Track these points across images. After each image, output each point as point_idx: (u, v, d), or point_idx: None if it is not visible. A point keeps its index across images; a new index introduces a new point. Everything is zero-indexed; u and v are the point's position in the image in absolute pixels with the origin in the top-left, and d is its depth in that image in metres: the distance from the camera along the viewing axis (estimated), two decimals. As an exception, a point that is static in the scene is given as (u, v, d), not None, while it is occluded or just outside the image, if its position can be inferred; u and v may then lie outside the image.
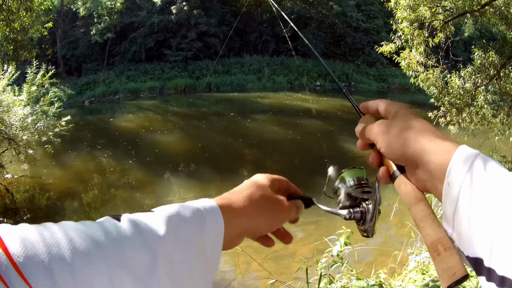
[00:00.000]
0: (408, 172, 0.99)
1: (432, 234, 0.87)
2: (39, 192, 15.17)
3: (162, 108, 33.29)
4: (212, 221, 0.96)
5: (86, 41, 41.88)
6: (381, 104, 1.14)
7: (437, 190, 0.89)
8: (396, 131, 0.99)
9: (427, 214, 0.92)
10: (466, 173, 0.81)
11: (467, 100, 12.07)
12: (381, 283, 5.69)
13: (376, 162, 1.10)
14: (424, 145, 0.91)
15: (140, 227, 0.82)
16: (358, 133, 1.16)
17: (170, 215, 0.90)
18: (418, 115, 1.02)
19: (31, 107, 13.96)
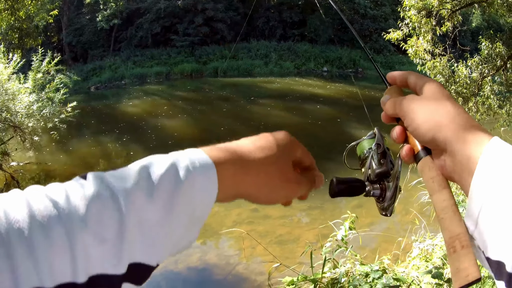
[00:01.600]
0: (434, 156, 0.94)
1: (451, 228, 0.83)
2: (44, 179, 15.21)
3: (168, 93, 33.35)
4: (202, 176, 0.83)
5: (92, 27, 41.88)
6: (411, 76, 1.08)
7: (464, 182, 0.84)
8: (428, 112, 0.93)
9: (450, 205, 0.87)
10: (498, 169, 0.78)
11: (474, 90, 12.05)
12: (385, 269, 5.71)
13: (400, 138, 1.04)
14: (457, 133, 0.86)
15: (105, 182, 0.74)
16: (384, 105, 1.09)
17: (143, 166, 0.80)
18: (450, 96, 0.97)
19: (36, 94, 14.00)
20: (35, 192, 0.70)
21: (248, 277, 8.97)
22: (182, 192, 0.79)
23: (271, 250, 8.17)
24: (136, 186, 0.75)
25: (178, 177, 0.79)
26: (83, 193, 0.70)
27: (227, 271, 9.19)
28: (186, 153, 0.87)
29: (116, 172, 0.79)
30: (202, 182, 0.82)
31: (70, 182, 0.74)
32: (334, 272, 5.89)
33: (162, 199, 0.76)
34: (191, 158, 0.84)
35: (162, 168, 0.79)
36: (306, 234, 10.33)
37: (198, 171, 0.82)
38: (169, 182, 0.78)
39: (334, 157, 16.99)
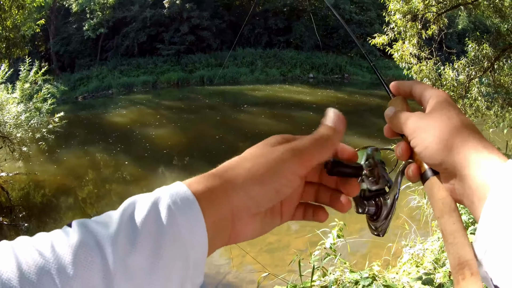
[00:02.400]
0: (443, 178, 0.89)
1: (460, 254, 0.79)
2: (34, 189, 15.18)
3: (155, 102, 33.26)
4: (183, 212, 0.76)
5: (79, 36, 41.68)
6: (417, 87, 1.03)
7: (474, 208, 0.80)
8: (437, 132, 0.87)
9: (459, 229, 0.83)
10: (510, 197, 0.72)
11: (461, 92, 12.09)
12: (375, 276, 5.70)
13: (405, 156, 0.98)
14: (468, 157, 0.81)
15: (89, 230, 0.71)
16: (388, 119, 1.03)
17: (124, 210, 0.76)
18: (459, 110, 0.91)
19: (24, 105, 13.95)
20: (22, 244, 0.68)
21: (239, 286, 8.97)
22: (167, 234, 0.74)
23: (261, 258, 8.18)
24: (119, 232, 0.71)
25: (160, 219, 0.74)
26: (68, 242, 0.68)
27: (217, 280, 9.17)
28: (167, 189, 0.80)
29: (100, 218, 0.76)
30: (185, 220, 0.76)
31: (56, 231, 0.72)
32: (324, 280, 5.88)
33: (146, 244, 0.72)
34: (172, 194, 0.78)
35: (143, 211, 0.75)
36: (295, 242, 10.32)
37: (180, 209, 0.76)
38: (151, 225, 0.74)
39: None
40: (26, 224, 12.42)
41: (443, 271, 5.58)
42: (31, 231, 12.25)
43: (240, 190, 0.82)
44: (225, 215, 0.82)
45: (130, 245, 0.70)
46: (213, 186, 0.82)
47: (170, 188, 0.80)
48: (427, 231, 8.63)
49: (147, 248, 0.71)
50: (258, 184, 0.83)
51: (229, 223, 0.83)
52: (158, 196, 0.78)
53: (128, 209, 0.76)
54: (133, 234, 0.72)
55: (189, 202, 0.77)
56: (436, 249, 6.77)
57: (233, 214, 0.83)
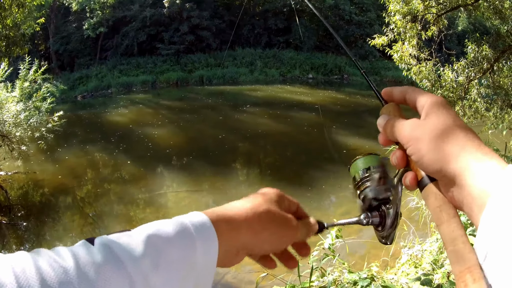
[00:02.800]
0: (441, 185, 0.87)
1: (462, 261, 0.77)
2: (33, 189, 15.17)
3: (155, 102, 33.27)
4: (203, 239, 0.84)
5: (79, 36, 41.69)
6: (411, 93, 0.99)
7: (474, 215, 0.78)
8: (433, 140, 0.85)
9: (459, 236, 0.82)
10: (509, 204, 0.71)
11: (460, 94, 12.08)
12: (373, 276, 5.69)
13: (402, 164, 0.97)
14: (467, 164, 0.80)
15: (114, 251, 0.74)
16: (382, 128, 1.02)
17: (149, 235, 0.80)
18: (455, 114, 0.89)
19: (23, 103, 13.92)
20: (44, 257, 0.69)
21: (237, 286, 8.95)
22: (187, 260, 0.81)
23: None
24: (143, 255, 0.76)
25: (183, 246, 0.81)
26: (93, 260, 0.71)
27: (216, 280, 9.15)
28: (190, 217, 0.89)
29: (121, 239, 0.79)
30: (204, 247, 0.84)
31: (78, 247, 0.75)
32: (322, 281, 5.88)
33: (168, 269, 0.77)
34: (195, 224, 0.86)
35: (168, 236, 0.81)
36: (293, 243, 10.34)
37: (200, 236, 0.84)
38: (175, 251, 0.80)
39: (321, 164, 16.99)
40: (24, 223, 12.41)
41: (441, 272, 5.57)
42: (29, 230, 12.27)
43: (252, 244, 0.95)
44: (233, 251, 0.93)
45: (153, 268, 0.76)
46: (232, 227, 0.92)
47: (193, 217, 0.89)
48: (426, 232, 8.62)
49: (168, 272, 0.77)
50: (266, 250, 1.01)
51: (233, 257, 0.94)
52: (183, 223, 0.86)
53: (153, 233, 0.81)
54: (156, 258, 0.77)
55: (210, 234, 0.86)
56: (434, 250, 6.76)
57: (237, 251, 0.94)
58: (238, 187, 15.18)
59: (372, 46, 13.30)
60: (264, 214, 0.97)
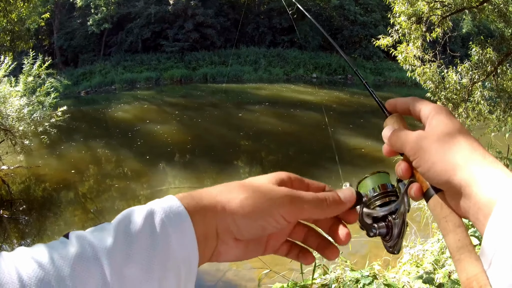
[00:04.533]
0: (447, 195, 0.87)
1: (468, 270, 0.78)
2: (35, 183, 15.18)
3: (158, 99, 33.24)
4: (174, 222, 0.80)
5: (83, 31, 41.68)
6: (415, 104, 0.99)
7: (479, 224, 0.78)
8: (440, 152, 0.85)
9: (465, 245, 0.82)
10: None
11: (464, 96, 12.08)
12: (375, 275, 5.70)
13: (407, 175, 0.96)
14: (473, 174, 0.79)
15: (85, 242, 0.74)
16: (387, 140, 1.01)
17: (119, 224, 0.78)
18: (460, 125, 0.89)
19: (27, 98, 13.90)
20: (22, 256, 0.70)
21: (239, 283, 8.93)
22: (160, 247, 0.77)
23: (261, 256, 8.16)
24: (115, 245, 0.74)
25: (154, 233, 0.78)
26: (67, 254, 0.71)
27: (217, 277, 9.15)
28: (161, 203, 0.84)
29: (96, 230, 0.79)
30: (177, 234, 0.80)
31: (55, 243, 0.75)
32: (324, 278, 5.88)
33: (141, 257, 0.75)
34: (165, 209, 0.82)
35: (138, 224, 0.78)
36: (296, 240, 10.33)
37: (172, 223, 0.80)
38: (145, 239, 0.77)
39: (323, 163, 16.96)
40: (26, 218, 12.43)
41: (442, 272, 5.57)
42: (31, 225, 12.28)
43: (228, 216, 0.85)
44: (212, 233, 0.85)
45: (126, 257, 0.74)
46: (205, 204, 0.85)
47: (163, 202, 0.83)
48: (427, 232, 8.62)
49: (141, 261, 0.75)
50: (246, 217, 0.85)
51: (214, 241, 0.87)
52: (152, 209, 0.81)
53: (123, 222, 0.79)
54: (128, 246, 0.75)
55: (181, 217, 0.81)
56: (436, 250, 6.76)
57: (217, 234, 0.86)
58: (240, 185, 15.20)
59: (376, 46, 13.29)
60: (245, 191, 0.89)
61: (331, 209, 0.94)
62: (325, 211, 0.93)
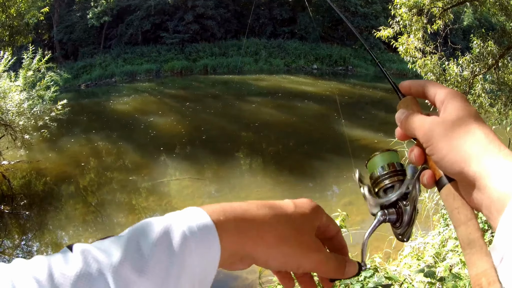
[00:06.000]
0: (460, 186, 0.85)
1: (478, 264, 0.76)
2: (35, 178, 15.19)
3: (159, 91, 33.27)
4: (199, 241, 0.75)
5: (83, 25, 41.64)
6: (430, 87, 0.95)
7: (492, 218, 0.76)
8: (455, 141, 0.83)
9: (476, 239, 0.80)
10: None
11: (465, 88, 12.07)
12: (376, 268, 5.70)
13: (419, 161, 0.94)
14: (488, 167, 0.77)
15: (90, 257, 0.68)
16: (400, 123, 0.98)
17: (131, 238, 0.73)
18: (476, 113, 0.86)
19: (27, 92, 13.91)
20: (20, 272, 0.65)
21: (239, 275, 8.94)
22: (178, 263, 0.72)
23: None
24: (124, 261, 0.69)
25: (172, 248, 0.72)
26: (69, 271, 0.66)
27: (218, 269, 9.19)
28: (183, 215, 0.79)
29: (103, 244, 0.73)
30: (201, 249, 0.75)
31: (57, 257, 0.69)
32: (325, 270, 5.89)
33: (155, 274, 0.70)
34: (188, 221, 0.77)
35: (153, 238, 0.73)
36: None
37: (196, 237, 0.75)
38: (162, 254, 0.71)
39: (324, 154, 16.98)
40: (27, 213, 12.44)
41: (443, 265, 5.57)
42: (32, 220, 12.30)
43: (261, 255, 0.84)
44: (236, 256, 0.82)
45: (136, 274, 0.68)
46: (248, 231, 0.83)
47: (190, 216, 0.79)
48: (428, 225, 8.64)
49: (156, 277, 0.70)
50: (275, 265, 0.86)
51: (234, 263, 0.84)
52: (170, 223, 0.76)
53: (135, 236, 0.74)
54: (139, 263, 0.70)
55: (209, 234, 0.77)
56: (437, 243, 6.78)
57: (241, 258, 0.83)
58: (241, 175, 15.23)
59: (377, 38, 13.31)
60: (284, 228, 0.86)
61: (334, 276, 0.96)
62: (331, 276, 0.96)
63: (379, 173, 1.03)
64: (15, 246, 11.26)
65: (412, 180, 0.98)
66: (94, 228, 11.90)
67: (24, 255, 10.66)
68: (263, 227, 0.84)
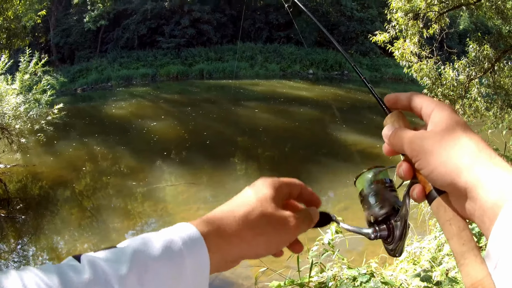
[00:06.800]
0: (451, 197, 0.84)
1: (473, 274, 0.76)
2: (31, 181, 15.16)
3: (154, 95, 33.22)
4: (193, 255, 0.82)
5: (79, 28, 41.66)
6: (416, 100, 0.95)
7: (485, 228, 0.76)
8: (444, 153, 0.82)
9: (470, 249, 0.80)
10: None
11: (461, 92, 12.10)
12: (372, 272, 5.70)
13: (408, 176, 0.93)
14: (479, 177, 0.76)
15: (98, 268, 0.73)
16: (388, 139, 0.97)
17: (135, 252, 0.78)
18: (465, 124, 0.85)
19: (23, 96, 13.88)
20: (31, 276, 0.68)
21: (235, 281, 8.93)
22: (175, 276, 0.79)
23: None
24: (130, 273, 0.74)
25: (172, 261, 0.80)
26: (78, 279, 0.69)
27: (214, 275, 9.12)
28: (176, 230, 0.87)
29: (109, 256, 0.77)
30: (195, 262, 0.82)
31: (64, 265, 0.73)
32: (322, 276, 5.87)
33: (154, 286, 0.76)
34: (184, 238, 0.84)
35: (155, 252, 0.79)
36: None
37: (190, 252, 0.82)
38: (163, 268, 0.78)
39: (319, 159, 16.99)
40: (23, 217, 12.40)
41: (440, 270, 5.58)
42: (28, 224, 12.26)
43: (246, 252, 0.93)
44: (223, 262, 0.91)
45: (140, 285, 0.74)
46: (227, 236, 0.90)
47: (182, 231, 0.86)
48: (424, 230, 8.64)
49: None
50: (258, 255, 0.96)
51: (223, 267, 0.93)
52: (171, 239, 0.83)
53: (139, 250, 0.79)
54: (143, 276, 0.75)
55: (199, 246, 0.84)
56: (433, 247, 6.77)
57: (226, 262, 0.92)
58: (236, 181, 15.20)
59: (373, 42, 13.29)
60: (257, 220, 0.93)
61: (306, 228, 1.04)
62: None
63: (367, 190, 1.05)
64: (11, 250, 11.23)
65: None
66: (89, 232, 11.89)
67: (19, 259, 10.65)
68: (241, 229, 0.91)
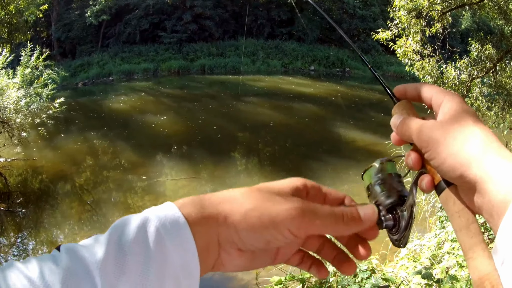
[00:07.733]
0: (460, 189, 0.83)
1: (480, 268, 0.75)
2: (32, 175, 15.16)
3: (156, 90, 33.17)
4: (172, 234, 0.75)
5: (81, 23, 41.50)
6: (426, 89, 0.93)
7: (493, 222, 0.74)
8: (454, 144, 0.80)
9: (478, 242, 0.79)
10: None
11: (462, 91, 12.08)
12: (373, 269, 5.70)
13: (417, 166, 0.91)
14: (488, 170, 0.75)
15: (77, 254, 0.71)
16: (396, 128, 0.95)
17: (112, 235, 0.74)
18: (475, 115, 0.84)
19: (24, 90, 13.86)
20: (12, 271, 0.68)
21: (235, 276, 8.91)
22: (154, 258, 0.73)
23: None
24: (106, 257, 0.71)
25: (147, 243, 0.73)
26: (57, 269, 0.68)
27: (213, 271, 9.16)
28: (156, 211, 0.79)
29: (88, 242, 0.75)
30: (174, 244, 0.75)
31: (46, 257, 0.71)
32: (322, 272, 5.88)
33: (134, 268, 0.71)
34: (161, 217, 0.77)
35: (130, 234, 0.74)
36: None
37: (169, 232, 0.75)
38: (138, 249, 0.73)
39: (320, 156, 16.95)
40: (23, 210, 12.41)
41: (440, 267, 5.58)
42: (28, 217, 12.27)
43: (230, 227, 0.79)
44: (213, 243, 0.80)
45: (119, 270, 0.70)
46: (207, 213, 0.79)
47: (160, 210, 0.79)
48: (424, 227, 8.65)
49: (135, 273, 0.71)
50: (249, 230, 0.78)
51: (216, 251, 0.81)
52: (146, 218, 0.76)
53: (115, 233, 0.75)
54: (121, 258, 0.71)
55: (179, 225, 0.76)
56: (433, 245, 6.78)
57: (219, 244, 0.80)
58: (237, 176, 15.22)
59: (375, 40, 13.30)
60: (244, 191, 0.83)
61: (348, 227, 0.83)
62: (340, 229, 0.83)
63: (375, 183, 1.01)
64: (11, 244, 11.24)
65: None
66: (90, 226, 11.89)
67: (19, 253, 10.67)
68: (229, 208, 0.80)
